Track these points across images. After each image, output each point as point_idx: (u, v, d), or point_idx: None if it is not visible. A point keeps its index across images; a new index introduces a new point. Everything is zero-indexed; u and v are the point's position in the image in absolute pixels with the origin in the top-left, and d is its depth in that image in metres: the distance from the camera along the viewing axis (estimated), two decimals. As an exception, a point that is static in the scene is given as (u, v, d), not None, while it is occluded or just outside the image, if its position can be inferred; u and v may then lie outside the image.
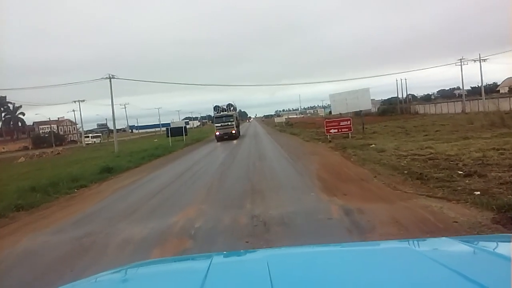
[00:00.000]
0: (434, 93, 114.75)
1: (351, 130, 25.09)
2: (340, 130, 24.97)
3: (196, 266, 1.77)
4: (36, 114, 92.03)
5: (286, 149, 20.47)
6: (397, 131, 29.02)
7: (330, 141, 22.76)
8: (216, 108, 41.35)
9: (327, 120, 26.48)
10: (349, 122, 25.08)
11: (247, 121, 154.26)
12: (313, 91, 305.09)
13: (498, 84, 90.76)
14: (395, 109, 75.21)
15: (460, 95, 66.99)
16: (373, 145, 17.81)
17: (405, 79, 76.31)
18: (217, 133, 37.30)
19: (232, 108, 41.69)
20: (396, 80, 75.69)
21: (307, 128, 48.05)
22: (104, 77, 41.24)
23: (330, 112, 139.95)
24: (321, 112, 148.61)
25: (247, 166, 15.02)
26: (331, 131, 25.04)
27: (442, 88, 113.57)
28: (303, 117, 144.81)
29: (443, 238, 1.77)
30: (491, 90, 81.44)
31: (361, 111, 30.02)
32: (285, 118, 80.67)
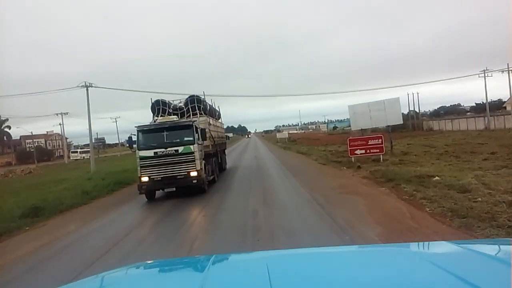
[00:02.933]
0: (435, 109, 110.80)
1: (383, 152, 19.06)
2: (368, 151, 18.95)
3: (195, 268, 1.77)
4: (17, 127, 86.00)
5: (303, 182, 14.20)
6: (433, 152, 23.10)
7: (359, 167, 16.65)
8: (156, 105, 16.22)
9: (351, 138, 20.41)
10: (380, 140, 19.06)
11: (246, 136, 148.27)
12: (313, 107, 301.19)
13: (504, 100, 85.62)
14: (406, 125, 69.60)
15: (463, 112, 62.51)
16: (437, 178, 11.72)
17: (417, 93, 70.75)
18: (144, 180, 12.97)
19: (197, 107, 16.22)
20: (408, 94, 69.77)
21: (314, 145, 42.31)
22: (80, 85, 35.68)
23: (334, 128, 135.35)
24: (323, 128, 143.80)
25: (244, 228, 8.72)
26: (356, 152, 19.00)
27: (443, 105, 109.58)
28: (304, 132, 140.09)
29: (443, 242, 1.73)
30: (497, 107, 76.52)
31: (388, 126, 23.97)
32: (288, 134, 74.62)
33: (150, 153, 12.74)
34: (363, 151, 18.99)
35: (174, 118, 14.62)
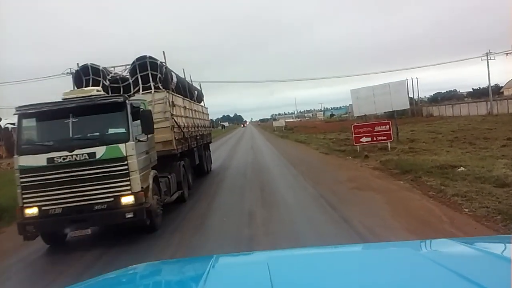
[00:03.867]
0: (431, 95, 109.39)
1: (390, 139, 17.41)
2: (375, 139, 17.28)
3: (196, 268, 1.71)
4: (6, 119, 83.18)
5: (306, 175, 12.49)
6: (442, 139, 21.59)
7: (367, 156, 15.01)
8: (83, 74, 9.82)
9: (356, 125, 18.71)
10: (388, 126, 17.38)
11: (242, 125, 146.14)
12: (309, 94, 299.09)
13: (501, 86, 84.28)
14: (405, 111, 68.01)
15: (461, 98, 60.78)
16: (461, 168, 10.10)
17: (416, 78, 68.83)
18: (31, 213, 6.60)
19: (152, 77, 9.62)
20: (407, 80, 67.75)
21: (312, 133, 40.67)
22: (66, 72, 33.60)
23: (332, 115, 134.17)
24: (320, 116, 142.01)
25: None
26: (361, 140, 17.33)
27: (439, 91, 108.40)
28: (301, 120, 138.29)
29: (444, 239, 1.75)
30: (494, 92, 75.60)
31: (394, 111, 22.30)
32: (285, 122, 72.93)
33: (40, 160, 6.56)
34: (369, 139, 17.30)
35: (94, 91, 7.60)
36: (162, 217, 7.54)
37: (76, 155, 6.51)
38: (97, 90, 7.65)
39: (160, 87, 9.35)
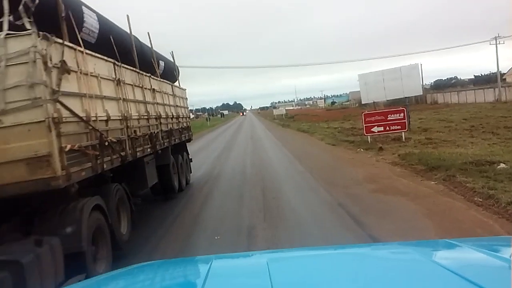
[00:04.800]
0: (431, 82, 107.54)
1: (405, 129, 15.75)
2: (387, 129, 15.63)
3: (196, 269, 1.74)
4: None
5: (315, 173, 10.79)
6: (457, 128, 20.02)
7: (381, 149, 13.34)
8: None
9: (366, 113, 17.02)
10: (402, 115, 15.73)
11: (241, 114, 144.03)
12: (309, 82, 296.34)
13: (504, 72, 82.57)
14: (409, 99, 66.24)
15: (464, 85, 58.55)
16: (502, 165, 8.46)
17: (421, 64, 66.47)
18: None
19: None
20: (420, 64, 65.73)
21: (314, 122, 39.07)
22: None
23: (333, 103, 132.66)
24: (321, 103, 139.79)
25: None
26: (373, 129, 15.67)
27: (439, 78, 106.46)
28: (301, 108, 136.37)
29: (443, 240, 1.73)
30: (496, 79, 74.09)
31: (406, 98, 20.59)
32: (285, 110, 71.21)
33: None
34: (382, 129, 15.66)
35: None
36: None
37: None
38: None
39: (27, 25, 3.94)
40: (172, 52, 11.69)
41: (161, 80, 8.97)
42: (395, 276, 1.26)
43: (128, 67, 6.53)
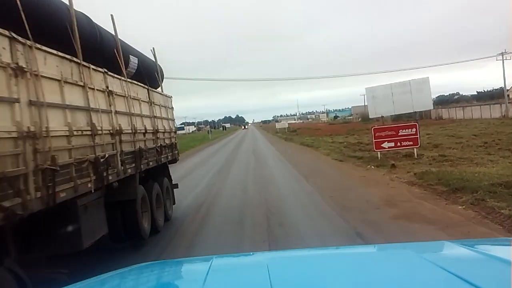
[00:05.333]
0: (434, 98, 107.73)
1: (417, 145, 14.84)
2: (399, 144, 14.73)
3: (196, 269, 1.71)
4: None
5: (325, 194, 9.82)
6: (469, 144, 19.10)
7: (394, 166, 12.42)
8: None
9: (376, 127, 16.14)
10: (414, 130, 14.82)
11: (243, 127, 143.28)
12: (311, 96, 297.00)
13: (507, 89, 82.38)
14: (412, 114, 65.47)
15: (468, 101, 57.99)
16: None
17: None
18: None
19: None
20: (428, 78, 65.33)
21: (317, 136, 38.25)
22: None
23: (335, 117, 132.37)
24: (323, 118, 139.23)
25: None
26: (383, 145, 14.77)
27: (441, 94, 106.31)
28: (303, 122, 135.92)
29: (444, 241, 1.72)
30: (499, 95, 73.75)
31: (415, 113, 19.77)
32: (288, 124, 70.59)
33: None
34: (392, 144, 14.77)
35: None
36: None
37: None
38: None
39: None
40: (153, 48, 9.05)
41: (129, 81, 6.50)
42: (395, 277, 1.24)
43: (49, 49, 3.87)
